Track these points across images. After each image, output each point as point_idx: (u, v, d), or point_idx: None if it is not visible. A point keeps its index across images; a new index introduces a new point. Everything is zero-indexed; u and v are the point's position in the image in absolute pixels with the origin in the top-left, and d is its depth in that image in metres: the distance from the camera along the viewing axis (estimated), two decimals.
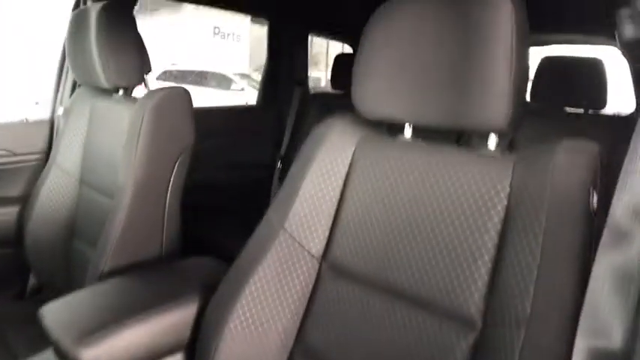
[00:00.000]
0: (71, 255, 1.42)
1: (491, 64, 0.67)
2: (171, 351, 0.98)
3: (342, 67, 2.20)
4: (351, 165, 0.87)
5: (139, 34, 1.28)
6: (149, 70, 1.30)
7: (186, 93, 1.21)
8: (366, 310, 0.79)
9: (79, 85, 1.58)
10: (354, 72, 0.84)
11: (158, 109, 1.15)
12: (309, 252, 0.87)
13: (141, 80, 1.30)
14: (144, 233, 1.18)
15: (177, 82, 8.35)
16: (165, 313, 0.96)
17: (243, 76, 10.43)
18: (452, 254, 0.71)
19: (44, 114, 1.71)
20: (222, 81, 9.57)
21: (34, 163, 1.62)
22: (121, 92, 1.32)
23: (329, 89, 2.48)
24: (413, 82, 0.76)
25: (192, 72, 9.62)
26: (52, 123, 1.68)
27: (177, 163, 1.20)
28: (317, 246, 0.87)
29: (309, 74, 2.52)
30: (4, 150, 1.61)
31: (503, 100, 0.67)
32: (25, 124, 1.67)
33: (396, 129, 0.86)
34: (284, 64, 2.45)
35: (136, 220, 1.15)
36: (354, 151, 0.87)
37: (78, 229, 1.42)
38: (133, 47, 1.26)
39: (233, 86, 9.45)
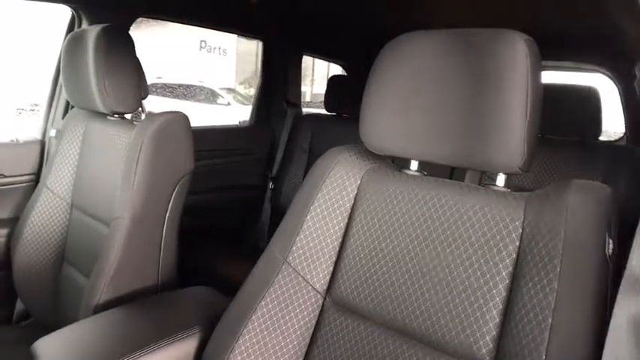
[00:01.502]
0: (60, 280, 1.39)
1: (506, 105, 0.67)
2: None
3: (337, 88, 2.20)
4: (356, 198, 0.87)
5: (137, 58, 1.27)
6: (147, 94, 1.29)
7: (186, 118, 1.20)
8: (371, 348, 0.78)
9: (72, 107, 1.56)
10: (363, 104, 0.84)
11: (157, 135, 1.13)
12: (312, 287, 0.86)
13: (138, 105, 1.28)
14: (140, 262, 1.15)
15: (162, 96, 8.30)
16: (167, 347, 0.94)
17: (230, 90, 10.41)
18: (462, 294, 0.71)
19: (35, 135, 1.68)
20: (209, 95, 9.54)
21: (24, 184, 1.58)
22: (116, 115, 1.30)
23: (314, 103, 2.48)
24: (423, 119, 0.75)
25: (178, 85, 9.58)
26: (42, 144, 1.65)
27: (175, 190, 1.18)
28: (321, 281, 0.86)
29: None
30: None
31: (518, 142, 0.66)
32: (15, 145, 1.63)
33: (401, 160, 0.86)
34: (277, 83, 2.45)
35: (133, 250, 1.12)
36: (360, 184, 0.87)
37: (68, 254, 1.39)
38: (131, 72, 1.24)
39: (219, 100, 9.42)
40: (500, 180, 0.75)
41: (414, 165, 0.85)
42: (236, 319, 0.87)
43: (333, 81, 2.21)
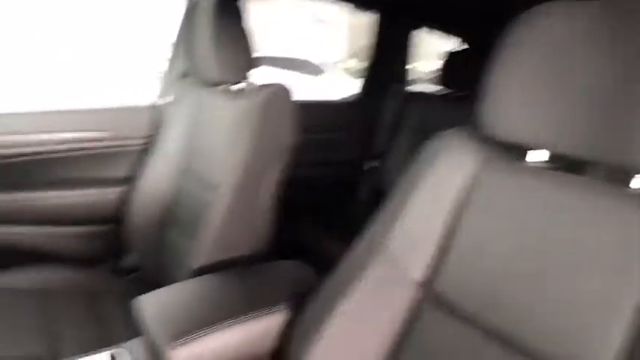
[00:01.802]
0: (165, 241, 1.46)
1: None
2: (256, 358, 0.96)
3: (454, 64, 2.04)
4: (469, 188, 0.78)
5: (246, 29, 1.26)
6: (255, 66, 1.29)
7: (290, 92, 1.19)
8: (469, 352, 0.71)
9: (187, 75, 1.62)
10: (486, 83, 0.74)
11: (263, 107, 1.13)
12: (411, 277, 0.80)
13: (246, 76, 1.28)
14: (238, 232, 1.18)
15: (270, 69, 8.47)
16: (255, 320, 0.95)
17: (338, 63, 10.40)
18: (583, 308, 0.61)
19: (151, 100, 1.77)
20: (315, 68, 9.59)
21: (138, 147, 1.68)
22: (226, 86, 1.32)
23: (423, 80, 2.33)
24: (562, 104, 0.65)
25: (285, 58, 9.72)
26: (159, 109, 1.73)
27: (276, 163, 1.18)
28: (420, 272, 0.80)
29: None
30: (111, 133, 1.69)
31: None
32: (132, 109, 1.74)
33: (520, 150, 0.75)
34: (387, 59, 2.35)
35: (232, 219, 1.14)
36: (475, 173, 0.78)
37: (174, 216, 1.46)
38: (240, 43, 1.25)
39: (326, 74, 9.44)
40: (638, 182, 0.63)
41: (542, 155, 0.74)
42: (325, 302, 0.84)
43: (450, 57, 2.05)
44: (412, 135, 2.10)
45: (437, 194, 0.79)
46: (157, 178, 1.48)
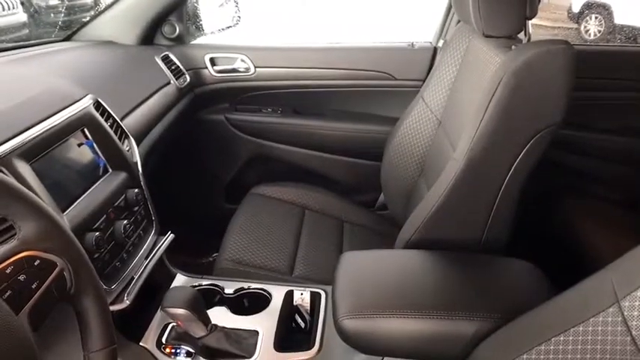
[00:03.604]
0: (413, 189, 1.44)
1: None
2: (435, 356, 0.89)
3: None
4: None
5: None
6: (534, 14, 1.04)
7: (570, 53, 0.92)
8: None
9: (460, 21, 1.46)
10: None
11: (522, 70, 0.91)
12: None
13: (519, 28, 1.06)
14: (467, 211, 1.04)
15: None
16: (456, 321, 0.86)
17: None
18: None
19: (428, 42, 1.70)
20: None
21: (410, 89, 1.65)
22: (495, 39, 1.12)
23: None
24: None
25: None
26: (434, 52, 1.65)
27: (530, 143, 0.95)
28: None
29: None
30: (387, 74, 1.70)
31: None
32: (409, 50, 1.70)
33: None
34: None
35: (462, 194, 1.01)
36: None
37: (424, 167, 1.41)
38: None
39: None
40: None
41: None
42: (532, 333, 0.68)
43: None
44: None
45: None
46: (415, 126, 1.45)
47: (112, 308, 0.90)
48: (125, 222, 0.96)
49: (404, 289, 0.93)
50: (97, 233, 0.86)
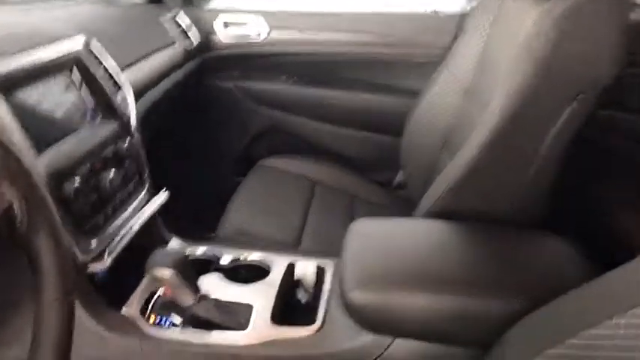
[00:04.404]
0: (435, 166, 1.33)
1: None
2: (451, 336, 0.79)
3: None
4: None
5: None
6: None
7: (621, 1, 0.79)
8: None
9: None
10: None
11: (567, 19, 0.79)
12: None
13: None
14: (496, 181, 0.91)
15: None
16: (481, 300, 0.76)
17: None
18: None
19: (456, 7, 1.58)
20: None
21: (435, 59, 1.53)
22: None
23: None
24: None
25: None
26: (460, 19, 1.52)
27: (574, 102, 0.83)
28: None
29: None
30: (407, 41, 1.58)
31: None
32: (433, 17, 1.58)
33: None
34: None
35: (491, 163, 0.89)
36: None
37: (448, 139, 1.30)
38: None
39: None
40: None
41: None
42: (565, 322, 0.57)
43: None
44: None
45: None
46: (440, 97, 1.33)
47: (90, 268, 0.82)
48: (112, 175, 0.86)
49: (423, 261, 0.82)
50: (78, 183, 0.77)
